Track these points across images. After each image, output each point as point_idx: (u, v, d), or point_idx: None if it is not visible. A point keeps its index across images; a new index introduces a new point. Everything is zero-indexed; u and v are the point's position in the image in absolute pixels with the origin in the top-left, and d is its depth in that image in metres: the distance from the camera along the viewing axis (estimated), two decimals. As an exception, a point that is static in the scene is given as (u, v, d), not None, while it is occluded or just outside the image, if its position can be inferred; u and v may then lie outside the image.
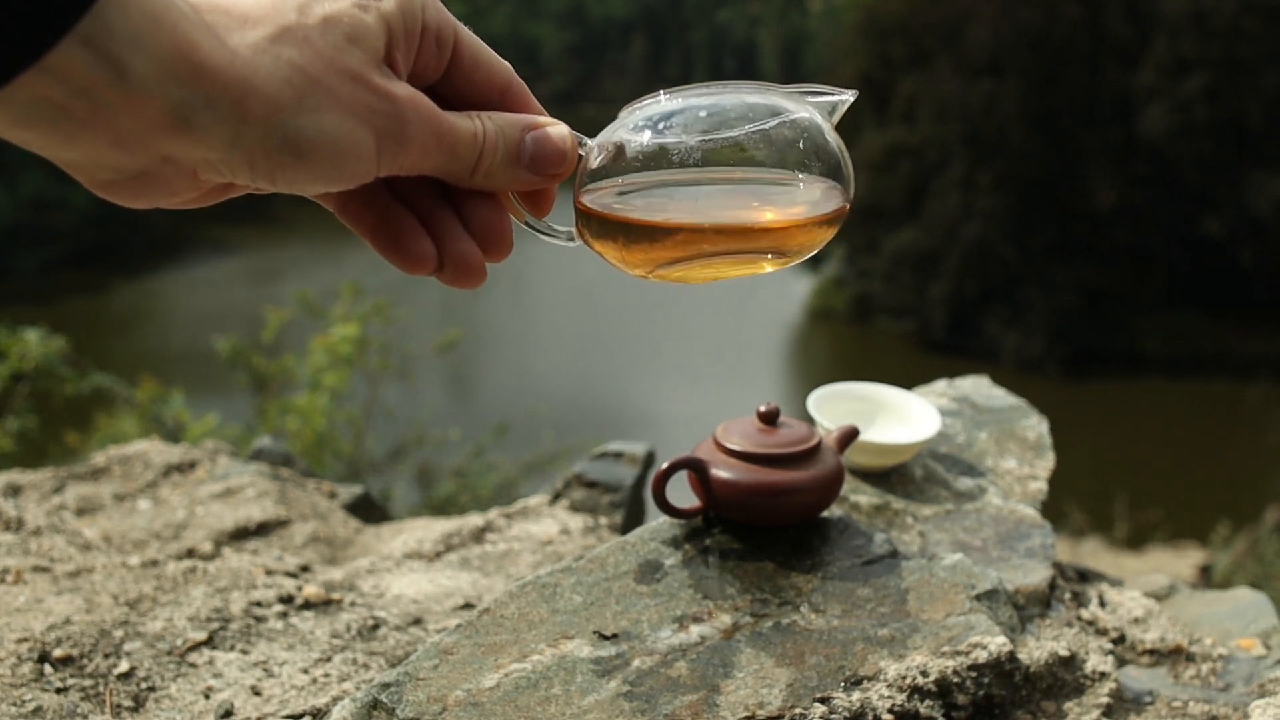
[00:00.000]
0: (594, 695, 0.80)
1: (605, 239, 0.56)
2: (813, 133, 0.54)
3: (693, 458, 0.99)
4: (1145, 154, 15.02)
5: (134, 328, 13.36)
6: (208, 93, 0.41)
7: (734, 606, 0.91)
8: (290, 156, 0.44)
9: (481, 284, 0.55)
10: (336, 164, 0.45)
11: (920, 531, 1.09)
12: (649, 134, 0.54)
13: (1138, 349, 14.17)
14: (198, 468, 1.53)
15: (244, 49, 0.42)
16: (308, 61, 0.44)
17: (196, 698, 0.93)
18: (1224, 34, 14.49)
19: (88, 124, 0.39)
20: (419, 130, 0.47)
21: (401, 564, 1.25)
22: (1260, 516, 7.07)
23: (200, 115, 0.41)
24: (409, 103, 0.47)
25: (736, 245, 0.55)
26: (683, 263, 0.56)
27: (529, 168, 0.53)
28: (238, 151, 0.43)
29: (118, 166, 0.43)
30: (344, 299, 4.78)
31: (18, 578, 1.08)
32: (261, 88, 0.42)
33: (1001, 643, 0.88)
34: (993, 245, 14.80)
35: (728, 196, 0.55)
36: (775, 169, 0.54)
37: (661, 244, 0.55)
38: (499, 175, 0.52)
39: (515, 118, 0.52)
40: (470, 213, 0.54)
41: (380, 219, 0.53)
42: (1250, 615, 1.10)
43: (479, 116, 0.51)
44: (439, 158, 0.49)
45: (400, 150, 0.47)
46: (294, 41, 0.43)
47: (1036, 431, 1.32)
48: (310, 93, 0.44)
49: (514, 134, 0.52)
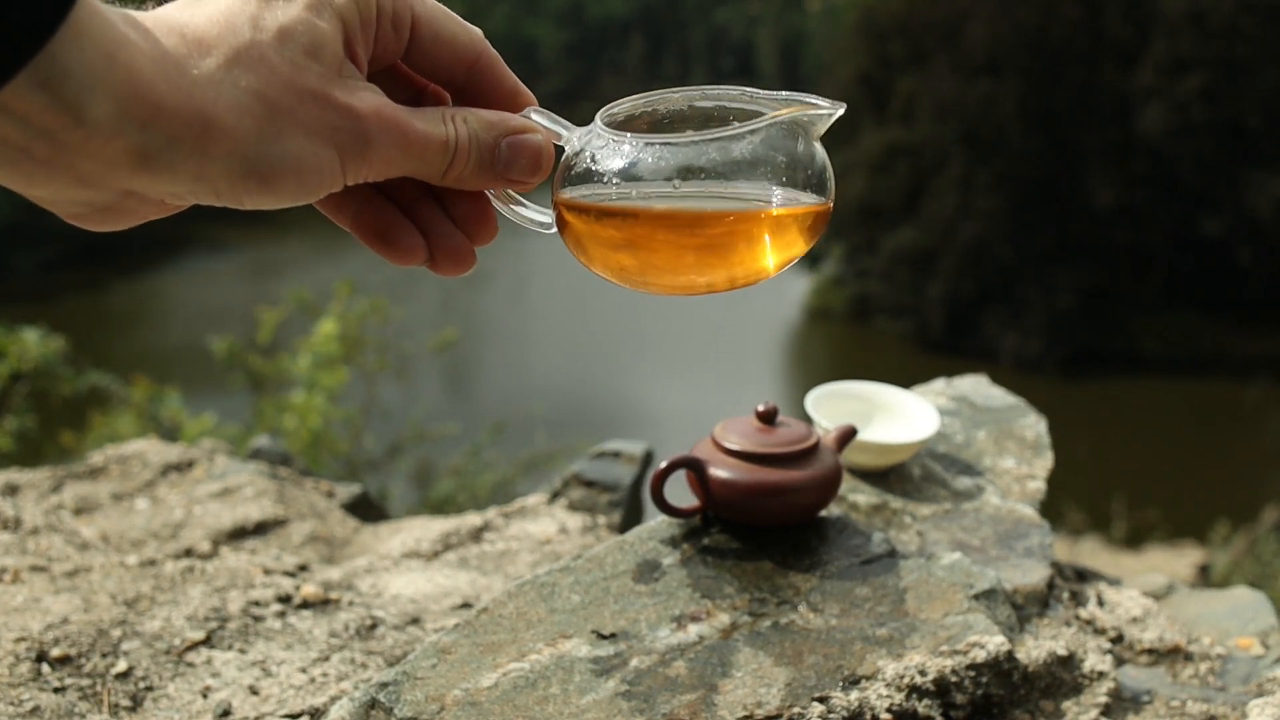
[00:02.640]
0: (592, 695, 0.80)
1: (578, 229, 0.55)
2: (793, 146, 0.54)
3: (691, 457, 0.99)
4: (1144, 154, 15.02)
5: (132, 326, 13.36)
6: (168, 131, 0.40)
7: (732, 606, 0.91)
8: (256, 183, 0.43)
9: (472, 269, 0.55)
10: (302, 184, 0.45)
11: (918, 531, 1.09)
12: (626, 148, 0.53)
13: (1136, 349, 14.17)
14: (196, 467, 1.53)
15: (201, 80, 0.41)
16: (266, 85, 0.43)
17: (194, 697, 0.93)
18: (1222, 34, 14.49)
19: (49, 164, 0.39)
20: (383, 143, 0.47)
21: (400, 563, 1.25)
22: (1258, 516, 7.07)
23: (163, 154, 0.40)
24: (373, 116, 0.46)
25: (707, 237, 0.54)
26: (658, 258, 0.55)
27: (503, 174, 0.51)
28: (203, 184, 0.43)
29: (85, 201, 0.43)
30: (339, 297, 4.77)
31: (15, 577, 1.08)
32: (222, 120, 0.41)
33: (1000, 642, 0.88)
34: (991, 245, 14.80)
35: (703, 200, 0.54)
36: (754, 181, 0.54)
37: (633, 232, 0.54)
38: (471, 180, 0.51)
39: (492, 120, 0.51)
40: (452, 199, 0.54)
41: (361, 211, 0.52)
42: (1248, 615, 1.10)
43: (453, 119, 0.50)
44: (407, 165, 0.48)
45: (365, 164, 0.47)
46: (251, 64, 0.42)
47: (1035, 431, 1.33)
48: (271, 119, 0.43)
49: (488, 140, 0.50)
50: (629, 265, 0.55)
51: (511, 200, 0.56)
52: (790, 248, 0.56)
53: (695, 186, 0.53)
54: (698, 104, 0.55)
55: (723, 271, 0.55)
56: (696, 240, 0.54)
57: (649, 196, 0.53)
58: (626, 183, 0.53)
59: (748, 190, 0.53)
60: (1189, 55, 14.57)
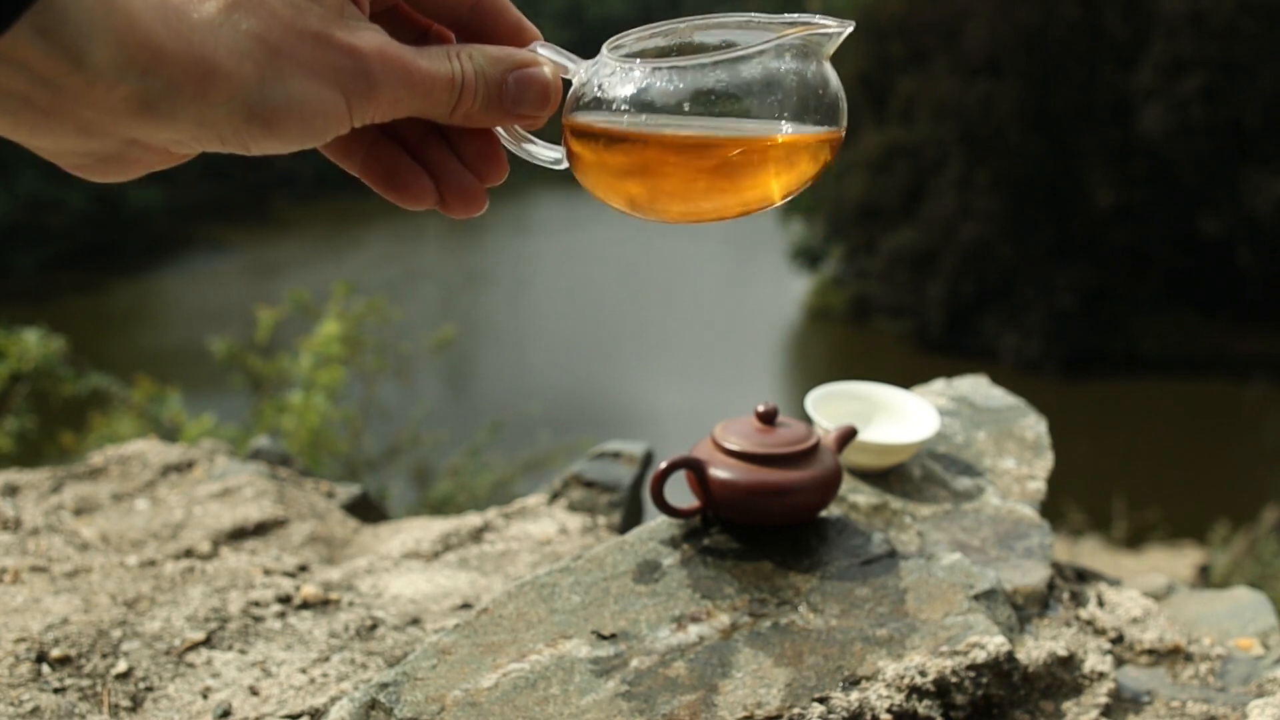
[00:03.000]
0: (592, 695, 0.80)
1: (588, 160, 0.55)
2: (803, 67, 0.53)
3: (691, 458, 0.99)
4: (1143, 154, 15.02)
5: (132, 326, 13.35)
6: (168, 77, 0.40)
7: (732, 606, 0.91)
8: (259, 127, 0.43)
9: (483, 209, 0.54)
10: (307, 127, 0.45)
11: (918, 531, 1.09)
12: (635, 74, 0.52)
13: (1135, 349, 14.17)
14: (195, 467, 1.53)
15: (201, 25, 0.41)
16: (266, 29, 0.43)
17: (194, 698, 0.93)
18: (1221, 34, 14.48)
19: (51, 113, 0.39)
20: (388, 82, 0.46)
21: (400, 564, 1.25)
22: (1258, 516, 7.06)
23: (163, 100, 0.40)
24: (376, 55, 0.46)
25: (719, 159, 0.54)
26: (668, 184, 0.54)
27: (511, 109, 0.51)
28: (206, 129, 0.42)
29: (87, 151, 0.43)
30: (336, 297, 4.77)
31: (15, 577, 1.08)
32: (222, 65, 0.41)
33: (1000, 642, 0.88)
34: (990, 245, 14.80)
35: (713, 126, 0.54)
36: (765, 104, 0.53)
37: (643, 157, 0.53)
38: (479, 117, 0.51)
39: (498, 56, 0.51)
40: (460, 139, 0.53)
41: (369, 154, 0.52)
42: (1248, 615, 1.10)
43: (458, 56, 0.49)
44: (414, 104, 0.48)
45: (371, 104, 0.46)
46: (250, 8, 0.42)
47: (1035, 431, 1.33)
48: (272, 62, 0.43)
49: (495, 75, 0.50)
50: (639, 193, 0.55)
51: (521, 138, 0.56)
52: (801, 173, 0.55)
53: (705, 112, 0.53)
54: (703, 33, 0.55)
55: (733, 196, 0.55)
56: (707, 164, 0.54)
57: (659, 125, 0.53)
58: (636, 110, 0.53)
59: (759, 113, 0.53)
60: (1188, 55, 14.56)
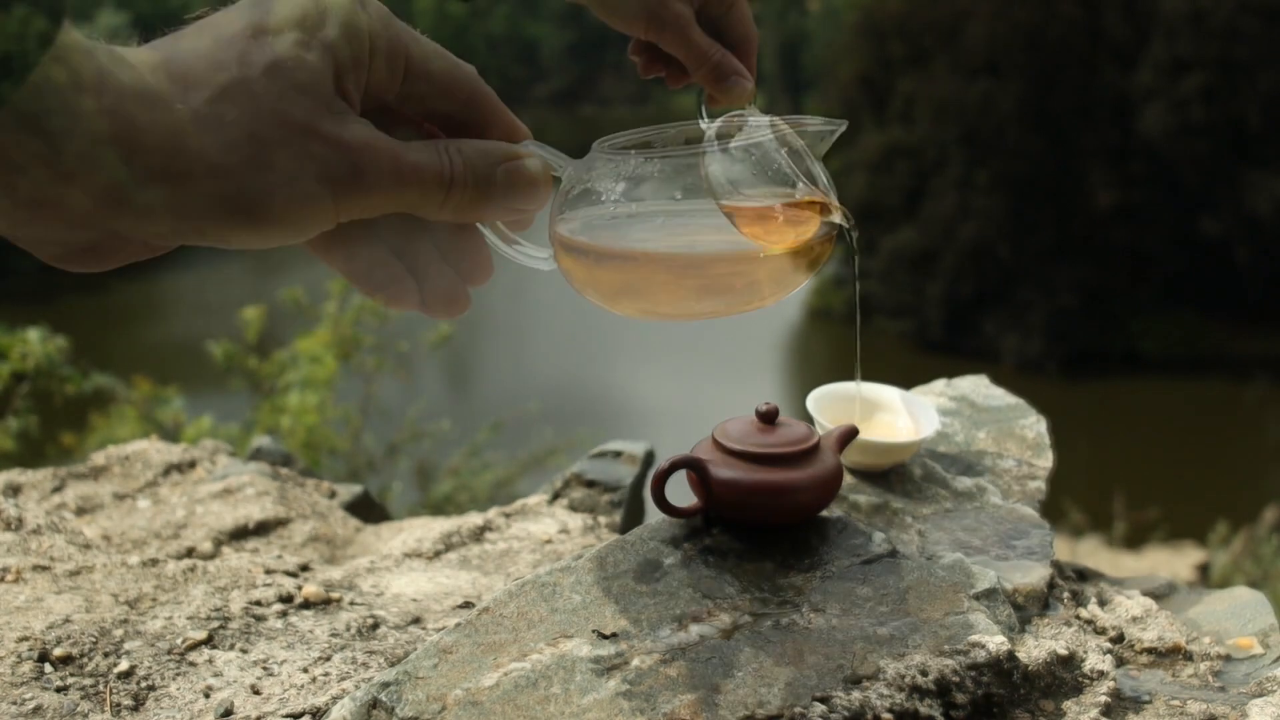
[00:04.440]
0: (593, 694, 0.80)
1: (578, 275, 0.54)
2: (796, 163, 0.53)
3: (692, 457, 0.99)
4: (1143, 154, 15.02)
5: (133, 325, 13.36)
6: (148, 169, 0.39)
7: (733, 606, 0.91)
8: (242, 219, 0.42)
9: (466, 311, 0.53)
10: (292, 220, 0.43)
11: (919, 531, 1.09)
12: (627, 165, 0.52)
13: (1136, 349, 14.18)
14: (197, 467, 1.53)
15: (185, 116, 0.40)
16: (252, 119, 0.41)
17: (196, 697, 0.93)
18: (1221, 34, 14.48)
19: (30, 203, 0.39)
20: (376, 175, 0.45)
21: (401, 563, 1.25)
22: (1258, 516, 7.06)
23: (142, 193, 0.39)
24: (364, 148, 0.45)
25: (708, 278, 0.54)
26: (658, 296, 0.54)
27: (501, 203, 0.50)
28: (186, 223, 0.41)
29: (67, 241, 0.42)
30: (334, 297, 4.77)
31: (17, 577, 1.08)
32: (204, 155, 0.40)
33: (1000, 642, 0.88)
34: (990, 245, 14.80)
35: (702, 232, 0.54)
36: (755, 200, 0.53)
37: (632, 275, 0.53)
38: (468, 211, 0.49)
39: (487, 149, 0.49)
40: (447, 240, 0.52)
41: (352, 254, 0.50)
42: (1248, 614, 1.10)
43: (447, 149, 0.48)
44: (402, 198, 0.47)
45: (358, 198, 0.45)
46: (236, 99, 0.41)
47: (1035, 431, 1.33)
48: (256, 153, 0.41)
49: (485, 167, 0.49)
50: (630, 308, 0.55)
51: (509, 239, 0.55)
52: (791, 281, 0.55)
53: (694, 206, 0.52)
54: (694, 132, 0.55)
55: (723, 305, 0.55)
56: (696, 282, 0.54)
57: (648, 215, 0.53)
58: (625, 200, 0.52)
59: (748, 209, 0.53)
60: (1188, 56, 14.57)
